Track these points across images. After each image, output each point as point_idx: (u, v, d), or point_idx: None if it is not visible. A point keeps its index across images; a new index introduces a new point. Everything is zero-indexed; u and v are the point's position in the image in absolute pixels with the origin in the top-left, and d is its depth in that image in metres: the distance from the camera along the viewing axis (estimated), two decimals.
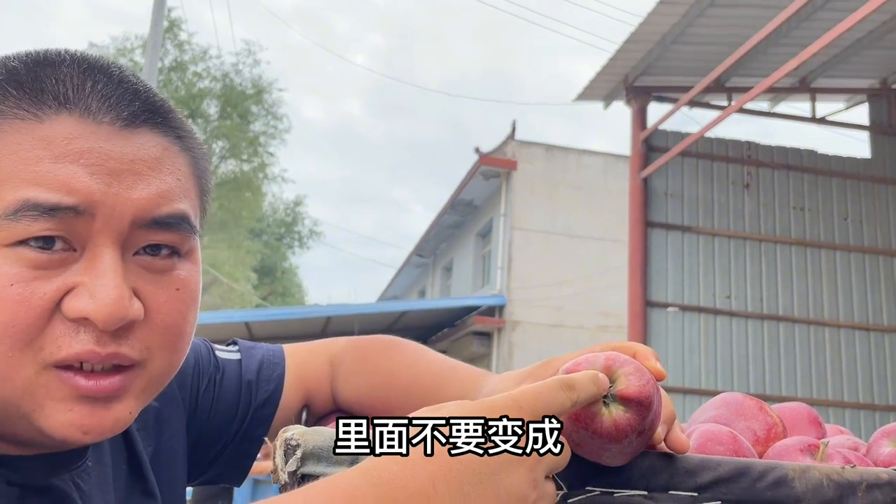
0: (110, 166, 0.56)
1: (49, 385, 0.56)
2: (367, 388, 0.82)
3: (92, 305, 0.54)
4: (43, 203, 0.53)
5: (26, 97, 0.56)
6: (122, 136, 0.57)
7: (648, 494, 0.55)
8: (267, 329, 12.15)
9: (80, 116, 0.56)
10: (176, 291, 0.60)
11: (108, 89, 0.58)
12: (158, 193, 0.58)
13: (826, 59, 6.85)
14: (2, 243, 0.54)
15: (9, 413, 0.57)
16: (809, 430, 0.79)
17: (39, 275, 0.54)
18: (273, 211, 27.20)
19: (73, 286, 0.55)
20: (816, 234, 7.21)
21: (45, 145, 0.55)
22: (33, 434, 0.58)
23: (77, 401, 0.56)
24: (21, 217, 0.53)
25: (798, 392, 6.79)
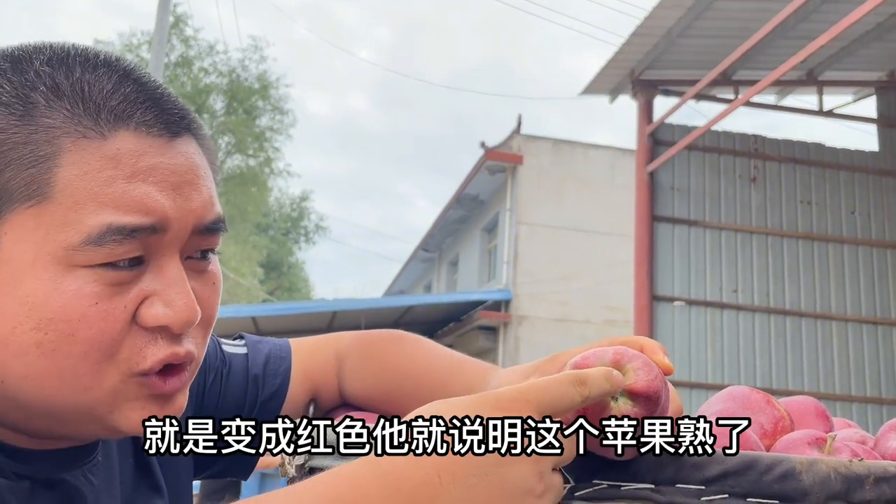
0: (172, 181, 0.58)
1: (129, 390, 0.58)
2: (373, 382, 0.83)
3: (170, 314, 0.57)
4: (126, 227, 0.55)
5: (80, 110, 0.56)
6: (172, 147, 0.59)
7: (655, 488, 0.55)
8: (273, 324, 12.18)
9: (135, 130, 0.57)
10: (213, 286, 0.63)
11: (150, 100, 0.59)
12: (207, 200, 0.61)
13: (833, 51, 6.81)
14: (80, 264, 0.55)
15: (81, 418, 0.59)
16: (817, 423, 0.79)
17: (117, 290, 0.56)
18: (279, 206, 27.25)
19: (147, 295, 0.57)
20: (824, 228, 7.19)
21: (115, 165, 0.55)
22: (94, 432, 0.60)
23: (152, 400, 0.59)
24: (106, 242, 0.55)
25: (805, 386, 6.77)
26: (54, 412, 0.58)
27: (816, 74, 7.29)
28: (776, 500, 0.55)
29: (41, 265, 0.54)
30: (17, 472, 0.59)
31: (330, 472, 0.47)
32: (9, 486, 0.57)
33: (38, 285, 0.54)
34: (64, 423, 0.59)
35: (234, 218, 20.55)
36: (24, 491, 0.58)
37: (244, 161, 21.37)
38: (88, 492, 0.64)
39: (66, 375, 0.56)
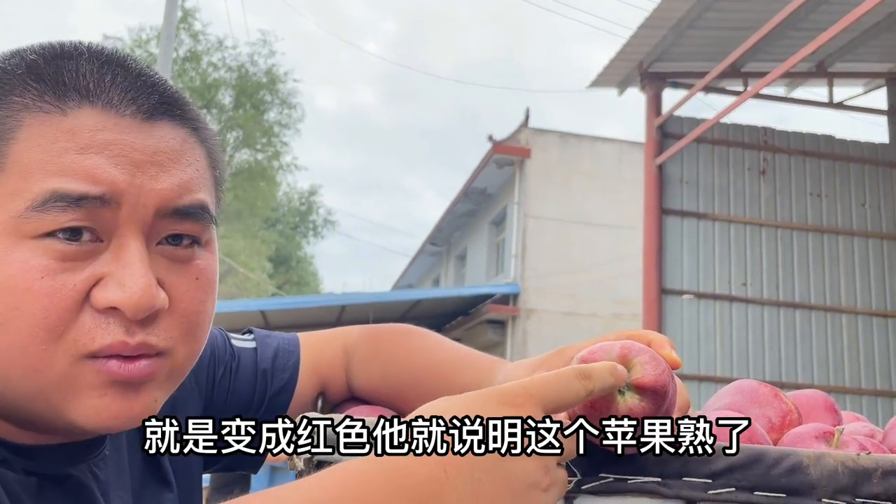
0: (134, 157, 0.57)
1: (83, 375, 0.56)
2: (381, 375, 0.83)
3: (121, 295, 0.55)
4: (70, 193, 0.54)
5: (48, 90, 0.57)
6: (144, 128, 0.58)
7: (662, 481, 0.55)
8: (282, 318, 12.21)
9: (102, 109, 0.57)
10: (196, 280, 0.61)
11: (127, 82, 0.59)
12: (180, 184, 0.59)
13: (843, 43, 6.76)
14: (30, 235, 0.54)
15: (39, 405, 0.57)
16: (825, 417, 0.78)
17: (68, 266, 0.55)
18: (288, 201, 27.28)
19: (102, 276, 0.56)
20: (834, 221, 7.14)
21: (70, 137, 0.55)
22: (62, 427, 0.59)
23: (109, 386, 0.57)
24: (49, 208, 0.54)
25: (814, 379, 6.75)
26: (15, 397, 0.57)
27: (826, 66, 7.24)
28: (783, 493, 0.55)
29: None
30: (23, 468, 0.59)
31: (338, 467, 0.47)
32: (18, 480, 0.57)
33: None
34: (29, 412, 0.58)
35: (242, 212, 20.58)
36: (33, 486, 0.58)
37: (252, 155, 21.40)
38: (95, 486, 0.64)
39: (15, 352, 0.55)
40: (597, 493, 0.55)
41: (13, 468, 0.58)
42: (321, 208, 28.08)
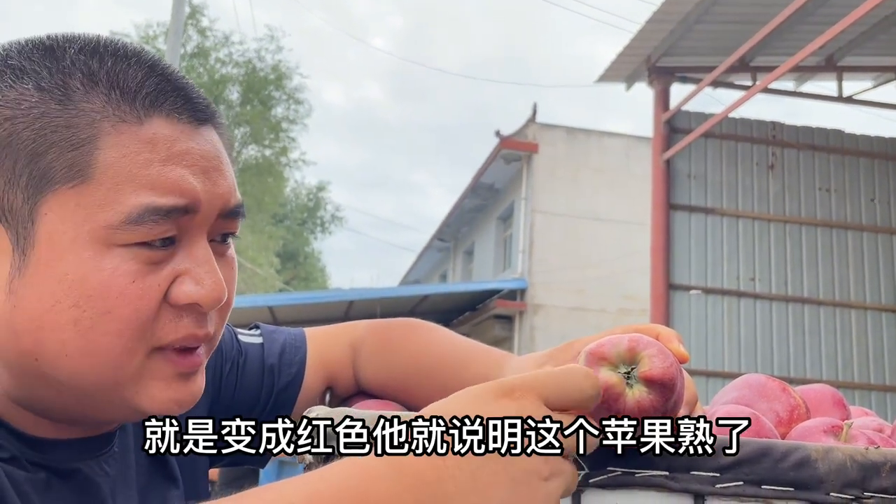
0: (202, 165, 0.60)
1: (154, 367, 0.60)
2: (388, 370, 0.83)
3: (200, 292, 0.60)
4: (163, 207, 0.57)
5: (120, 98, 0.58)
6: (198, 134, 0.62)
7: (669, 475, 0.55)
8: (290, 313, 12.24)
9: (167, 117, 0.60)
10: (231, 270, 0.66)
11: (176, 90, 0.61)
12: (231, 186, 0.63)
13: (853, 36, 6.72)
14: (117, 243, 0.57)
15: (109, 397, 0.60)
16: (833, 411, 0.78)
17: (152, 269, 0.58)
18: (296, 196, 27.32)
19: (179, 274, 0.60)
20: (843, 216, 7.11)
21: (151, 148, 0.58)
22: (118, 414, 0.62)
23: (175, 379, 0.61)
24: (145, 221, 0.57)
25: (823, 375, 6.72)
26: (85, 390, 0.59)
27: (836, 60, 7.20)
28: (791, 487, 0.55)
29: (81, 244, 0.56)
30: (32, 461, 0.59)
31: (341, 462, 0.48)
32: (26, 478, 0.58)
33: (77, 263, 0.56)
34: (93, 404, 0.60)
35: (250, 208, 20.62)
36: (41, 482, 0.59)
37: (260, 151, 21.43)
38: (104, 482, 0.64)
39: (101, 352, 0.57)
40: (604, 487, 0.55)
41: (22, 464, 0.58)
42: (329, 204, 28.13)
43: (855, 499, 0.55)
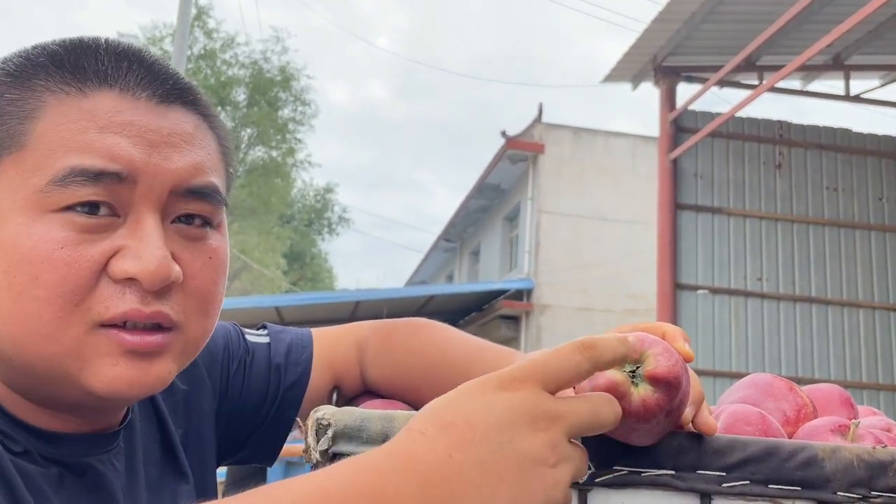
0: (149, 138, 0.60)
1: (96, 343, 0.59)
2: (394, 369, 0.83)
3: (138, 266, 0.58)
4: (89, 169, 0.57)
5: (69, 74, 0.60)
6: (159, 111, 0.61)
7: (676, 474, 0.55)
8: (297, 314, 12.26)
9: (120, 92, 0.60)
10: (209, 259, 0.64)
11: (143, 69, 0.62)
12: (193, 165, 0.62)
13: (860, 35, 6.69)
14: (50, 209, 0.57)
15: (54, 373, 0.59)
16: (841, 411, 0.78)
17: (86, 238, 0.58)
18: (302, 197, 27.35)
19: (119, 249, 0.59)
20: (850, 215, 7.08)
21: (90, 117, 0.59)
22: (77, 396, 0.61)
23: (123, 356, 0.59)
24: (69, 183, 0.57)
25: (831, 374, 6.70)
26: (31, 365, 0.59)
27: (843, 59, 7.17)
28: (798, 486, 0.55)
29: (17, 210, 0.57)
30: (44, 456, 0.60)
31: (348, 459, 0.48)
32: (41, 473, 0.58)
33: (11, 229, 0.57)
34: (44, 381, 0.60)
35: (257, 209, 20.66)
36: (54, 476, 0.60)
37: (267, 153, 21.47)
38: (114, 477, 0.65)
39: (32, 321, 0.57)
40: (611, 486, 0.55)
41: (35, 458, 0.59)
42: (336, 205, 28.15)
43: (862, 498, 0.55)
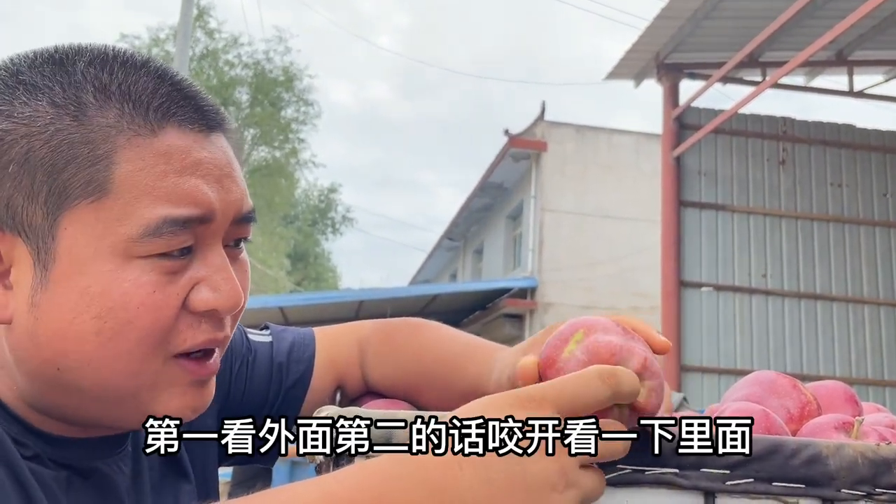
0: (215, 174, 0.61)
1: (171, 374, 0.61)
2: (393, 369, 0.84)
3: (218, 298, 0.61)
4: (180, 218, 0.58)
5: (133, 111, 0.59)
6: (210, 142, 0.62)
7: (679, 472, 0.55)
8: (301, 314, 12.27)
9: (178, 127, 0.60)
10: (245, 273, 0.66)
11: (185, 99, 0.62)
12: (243, 192, 0.64)
13: (863, 30, 6.67)
14: (137, 255, 0.58)
15: (125, 404, 0.61)
16: (845, 408, 0.78)
17: (171, 278, 0.60)
18: (306, 198, 27.37)
19: (196, 282, 0.61)
20: (855, 211, 7.06)
21: (166, 160, 0.59)
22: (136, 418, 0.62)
23: (190, 385, 0.63)
24: (163, 233, 0.58)
25: (836, 371, 6.68)
26: (105, 397, 0.60)
27: (846, 54, 7.15)
28: (802, 484, 0.55)
29: (102, 257, 0.57)
30: (53, 460, 0.61)
31: (356, 465, 0.48)
32: (51, 476, 0.59)
33: (99, 276, 0.57)
34: (110, 410, 0.61)
35: (260, 209, 20.65)
36: (63, 480, 0.60)
37: (270, 153, 21.49)
38: (121, 480, 0.66)
39: (122, 361, 0.58)
40: (614, 485, 0.55)
41: (45, 462, 0.60)
42: (339, 205, 28.16)
43: (866, 495, 0.55)
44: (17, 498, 0.54)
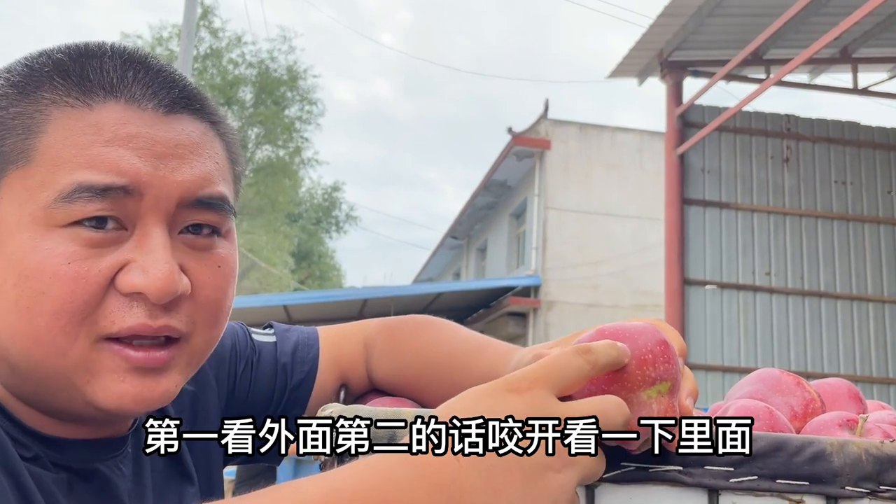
0: (156, 150, 0.59)
1: (103, 358, 0.59)
2: (399, 367, 0.83)
3: (145, 280, 0.58)
4: (96, 184, 0.57)
5: (74, 86, 0.60)
6: (165, 121, 0.61)
7: (683, 470, 0.55)
8: (305, 312, 12.29)
9: (125, 103, 0.60)
10: (217, 269, 0.63)
11: (148, 78, 0.61)
12: (201, 176, 0.61)
13: (868, 27, 6.65)
14: (57, 224, 0.57)
15: (61, 386, 0.59)
16: (849, 405, 0.78)
17: (94, 253, 0.58)
18: (310, 196, 27.39)
19: (126, 263, 0.59)
20: (859, 208, 7.05)
21: (96, 131, 0.58)
22: (83, 408, 0.61)
23: (129, 372, 0.59)
24: (76, 199, 0.57)
25: (841, 369, 6.67)
26: (38, 377, 0.59)
27: (851, 52, 7.13)
28: (806, 481, 0.55)
29: (24, 225, 0.57)
30: (53, 461, 0.61)
31: (358, 462, 0.48)
32: (51, 478, 0.59)
33: (19, 244, 0.57)
34: (53, 394, 0.60)
35: (264, 208, 20.70)
36: (64, 482, 0.60)
37: (274, 152, 21.50)
38: (121, 482, 0.66)
39: (41, 335, 0.57)
40: (618, 482, 0.55)
41: (45, 464, 0.60)
42: (343, 204, 28.18)
43: (870, 492, 0.55)
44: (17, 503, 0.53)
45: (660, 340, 0.57)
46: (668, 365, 0.57)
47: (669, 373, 0.57)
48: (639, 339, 0.57)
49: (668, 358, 0.57)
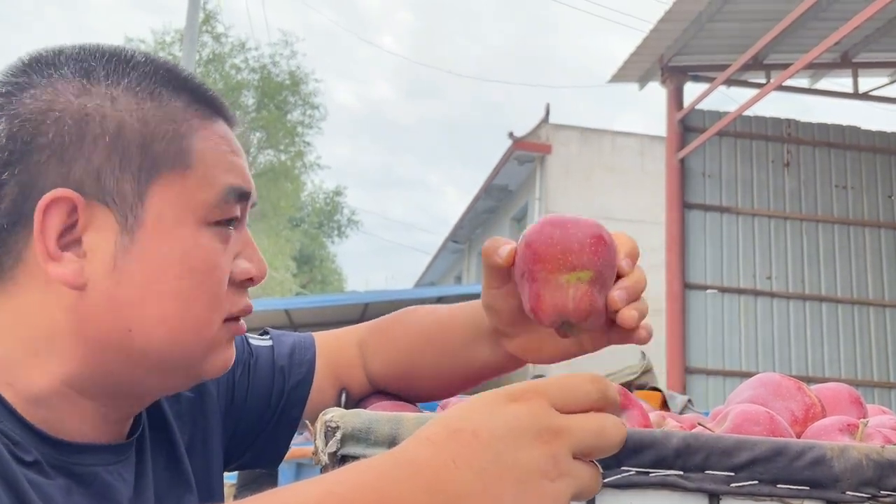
0: (245, 159, 0.70)
1: (223, 334, 0.68)
2: (388, 362, 0.85)
3: (254, 269, 0.69)
4: (239, 188, 0.67)
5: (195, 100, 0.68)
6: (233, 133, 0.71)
7: (684, 474, 0.55)
8: (306, 316, 12.27)
9: (223, 120, 0.70)
10: None
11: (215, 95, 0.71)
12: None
13: (868, 32, 6.66)
14: (209, 222, 0.66)
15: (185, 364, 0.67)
16: (850, 410, 0.78)
17: (226, 247, 0.67)
18: (312, 200, 27.40)
19: (237, 254, 0.68)
20: (860, 213, 7.05)
21: (225, 142, 0.68)
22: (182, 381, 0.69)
23: (231, 342, 0.70)
24: (230, 200, 0.66)
25: (842, 373, 6.66)
26: (167, 359, 0.65)
27: (851, 56, 7.14)
28: (807, 486, 0.55)
29: (183, 223, 0.64)
30: (53, 464, 0.61)
31: (357, 464, 0.49)
32: (51, 485, 0.59)
33: (181, 240, 0.64)
34: (164, 373, 0.66)
35: (266, 212, 20.70)
36: (62, 487, 0.60)
37: (276, 156, 21.52)
38: (122, 488, 0.66)
39: (196, 321, 0.65)
40: (618, 487, 0.55)
41: (45, 469, 0.60)
42: (345, 208, 28.18)
43: (871, 497, 0.55)
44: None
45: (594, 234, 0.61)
46: (595, 257, 0.61)
47: (594, 263, 0.61)
48: (572, 228, 0.62)
49: (596, 251, 0.61)
